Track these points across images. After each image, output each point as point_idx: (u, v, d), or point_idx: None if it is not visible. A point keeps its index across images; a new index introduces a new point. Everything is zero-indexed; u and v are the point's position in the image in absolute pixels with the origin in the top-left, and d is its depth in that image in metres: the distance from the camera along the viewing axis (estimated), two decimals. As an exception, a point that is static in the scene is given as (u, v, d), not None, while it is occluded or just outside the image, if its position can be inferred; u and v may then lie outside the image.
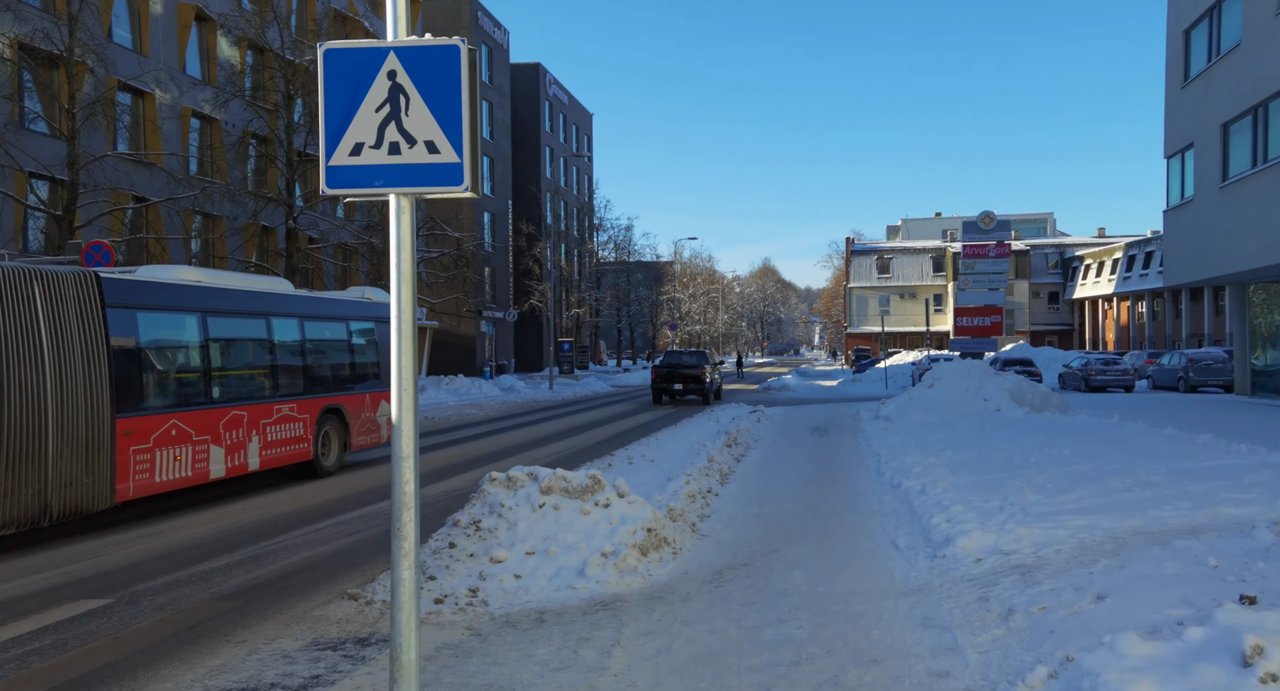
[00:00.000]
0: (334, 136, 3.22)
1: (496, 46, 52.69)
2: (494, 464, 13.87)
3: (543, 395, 32.82)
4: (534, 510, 7.56)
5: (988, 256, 37.36)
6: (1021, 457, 11.13)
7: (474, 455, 15.15)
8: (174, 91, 24.53)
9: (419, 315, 39.48)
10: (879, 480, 11.33)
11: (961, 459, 11.57)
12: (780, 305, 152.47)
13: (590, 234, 63.74)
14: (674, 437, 15.63)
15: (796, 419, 22.02)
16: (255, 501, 10.80)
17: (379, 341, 14.39)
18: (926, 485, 9.64)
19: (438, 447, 16.37)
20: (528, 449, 16.03)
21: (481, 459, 14.58)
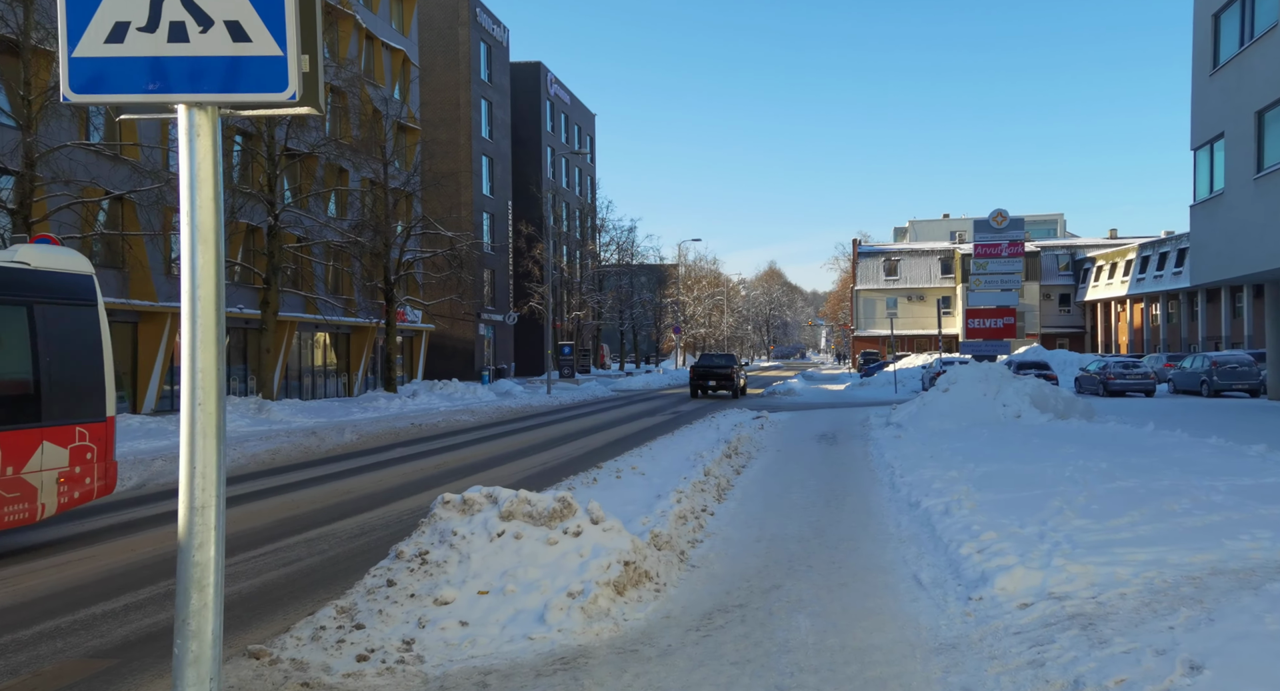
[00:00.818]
0: (81, 11, 2.07)
1: (496, 44, 51.69)
2: (472, 476, 12.73)
3: (539, 400, 31.70)
4: (491, 539, 6.40)
5: (1000, 256, 36.05)
6: (1054, 472, 9.94)
7: (453, 466, 14.01)
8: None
9: (414, 318, 38.40)
10: (894, 496, 10.14)
11: (986, 472, 10.38)
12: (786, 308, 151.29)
13: (592, 235, 62.65)
14: (669, 447, 14.47)
15: (803, 425, 20.83)
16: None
17: (52, 336, 8.39)
18: (950, 505, 8.46)
19: (415, 458, 15.23)
20: (512, 459, 14.89)
21: (459, 470, 13.43)
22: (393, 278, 30.04)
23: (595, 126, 72.46)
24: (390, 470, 13.53)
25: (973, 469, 10.94)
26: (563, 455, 15.47)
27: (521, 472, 13.17)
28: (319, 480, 12.52)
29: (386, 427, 20.47)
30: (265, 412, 21.76)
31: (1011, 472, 10.24)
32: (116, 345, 23.47)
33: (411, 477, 12.76)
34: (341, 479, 12.66)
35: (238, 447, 15.57)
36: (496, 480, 12.34)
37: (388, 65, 37.34)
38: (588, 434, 19.59)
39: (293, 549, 8.14)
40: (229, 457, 14.50)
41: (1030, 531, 6.98)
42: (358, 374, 34.57)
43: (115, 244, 22.92)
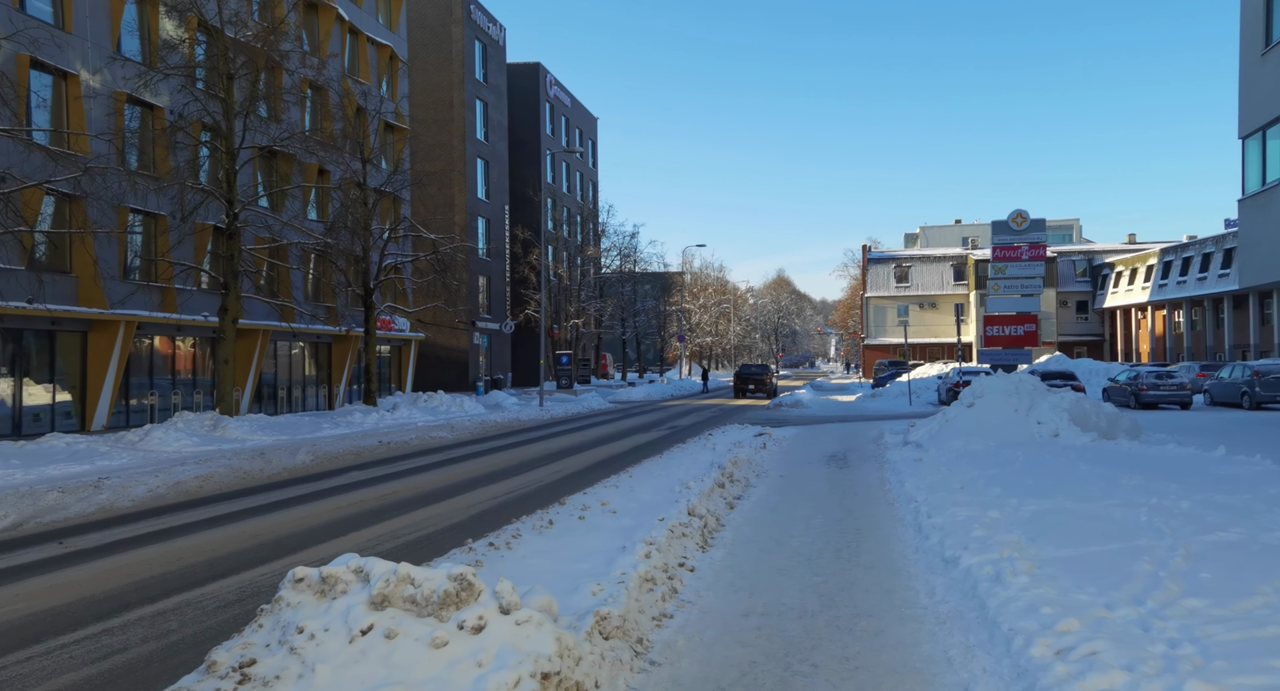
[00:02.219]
0: None
1: (492, 43, 49.97)
2: (416, 511, 10.75)
3: (529, 414, 29.73)
4: (352, 639, 4.42)
5: (1020, 259, 33.88)
6: (1125, 515, 7.90)
7: (402, 496, 12.04)
8: (106, 74, 21.70)
9: (401, 326, 36.51)
10: (922, 545, 8.11)
11: (1036, 513, 8.36)
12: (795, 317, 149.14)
13: (594, 240, 60.76)
14: (654, 474, 12.46)
15: (810, 443, 18.79)
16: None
17: None
18: (1000, 565, 6.44)
19: (365, 485, 13.26)
20: (472, 487, 12.91)
21: (404, 503, 11.45)
22: (372, 283, 28.16)
23: (597, 130, 70.70)
24: (326, 502, 11.57)
25: (1016, 505, 8.91)
26: (532, 481, 13.49)
27: (474, 506, 11.19)
28: (232, 518, 10.55)
29: (350, 447, 18.54)
30: (221, 430, 19.86)
31: (1068, 514, 8.21)
32: (64, 357, 21.69)
33: (346, 512, 10.79)
34: (261, 515, 10.69)
35: (162, 474, 13.64)
36: (442, 516, 10.38)
37: (373, 61, 35.59)
38: (570, 454, 17.60)
39: (129, 629, 6.15)
40: (146, 487, 12.56)
41: (1126, 616, 4.96)
42: (340, 386, 32.68)
43: (62, 245, 21.11)
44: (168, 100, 22.57)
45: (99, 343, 21.95)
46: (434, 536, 9.20)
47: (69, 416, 21.47)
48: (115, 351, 21.97)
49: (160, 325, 23.77)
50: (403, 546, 8.66)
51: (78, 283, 21.36)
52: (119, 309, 21.78)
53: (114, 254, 22.17)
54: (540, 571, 6.65)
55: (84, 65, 21.22)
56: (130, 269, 23.23)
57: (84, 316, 21.15)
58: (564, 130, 62.33)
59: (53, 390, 21.07)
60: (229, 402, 21.10)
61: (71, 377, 21.67)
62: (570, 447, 18.96)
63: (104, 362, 21.91)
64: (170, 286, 23.82)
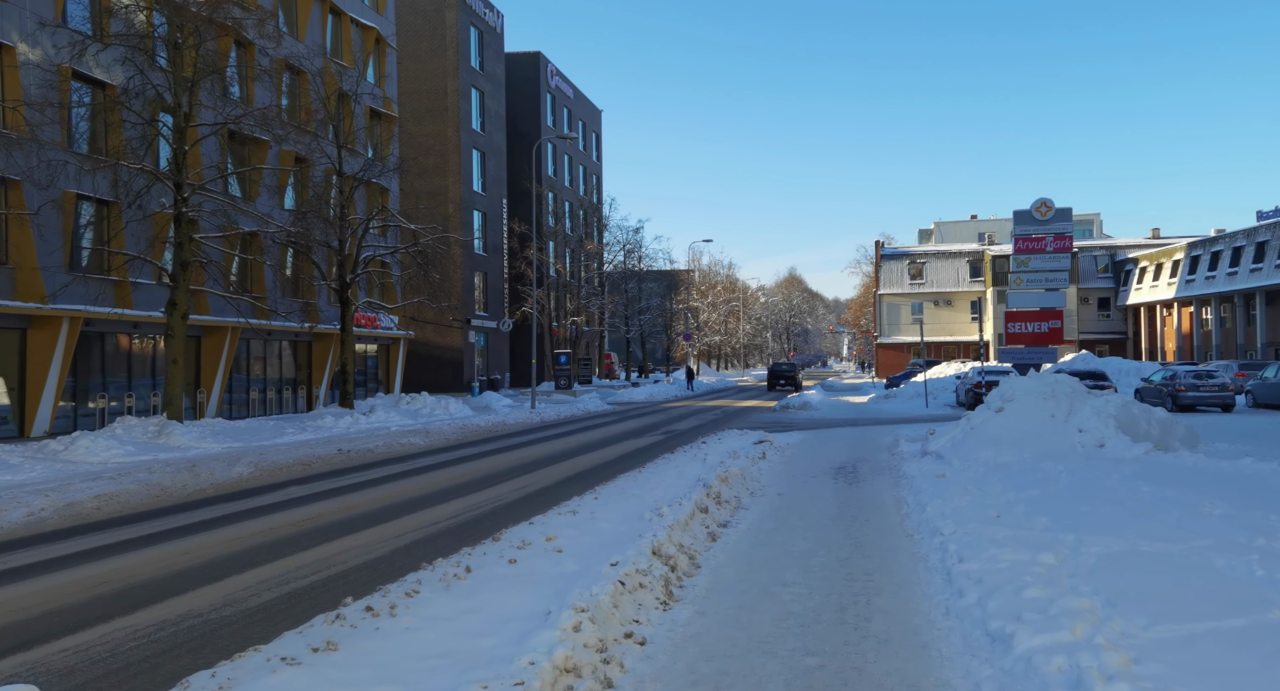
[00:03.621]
0: None
1: (488, 29, 48.08)
2: (311, 548, 8.81)
3: (519, 417, 27.79)
4: None
5: (1045, 251, 31.60)
6: (1232, 566, 5.87)
7: (309, 526, 10.11)
8: (48, 46, 19.83)
9: (389, 323, 34.65)
10: (955, 605, 6.08)
11: (1104, 558, 6.34)
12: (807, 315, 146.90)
13: (594, 234, 58.75)
14: (626, 493, 10.47)
15: (816, 452, 16.76)
16: None
17: None
18: (1077, 658, 4.42)
19: (290, 505, 11.34)
20: (411, 509, 10.97)
21: (306, 536, 9.52)
22: (349, 277, 26.28)
23: (601, 123, 68.76)
24: (231, 529, 9.65)
25: (1074, 545, 6.89)
26: (489, 500, 11.54)
27: (406, 535, 9.25)
28: (96, 554, 8.61)
29: (304, 456, 16.64)
30: (165, 436, 18.01)
31: (1150, 561, 6.18)
32: (4, 358, 19.90)
33: (246, 543, 8.86)
34: (137, 550, 8.76)
35: (58, 493, 11.76)
36: (359, 550, 8.44)
37: (358, 44, 33.73)
38: (546, 464, 15.65)
39: None
40: (27, 510, 10.67)
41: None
42: (320, 387, 30.85)
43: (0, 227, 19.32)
44: (121, 78, 20.70)
45: (39, 340, 20.15)
46: (324, 584, 7.25)
47: (4, 422, 19.67)
48: (58, 350, 20.17)
49: (113, 321, 21.96)
50: (265, 606, 6.65)
51: (14, 274, 19.55)
52: (62, 303, 19.96)
53: (58, 243, 20.33)
54: (415, 658, 4.69)
55: (21, 36, 19.40)
56: (79, 261, 21.42)
57: (20, 311, 19.36)
58: (566, 122, 60.39)
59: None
60: (177, 407, 19.25)
61: (10, 379, 19.88)
62: (550, 456, 17.01)
63: (45, 362, 20.10)
64: (125, 280, 22.02)
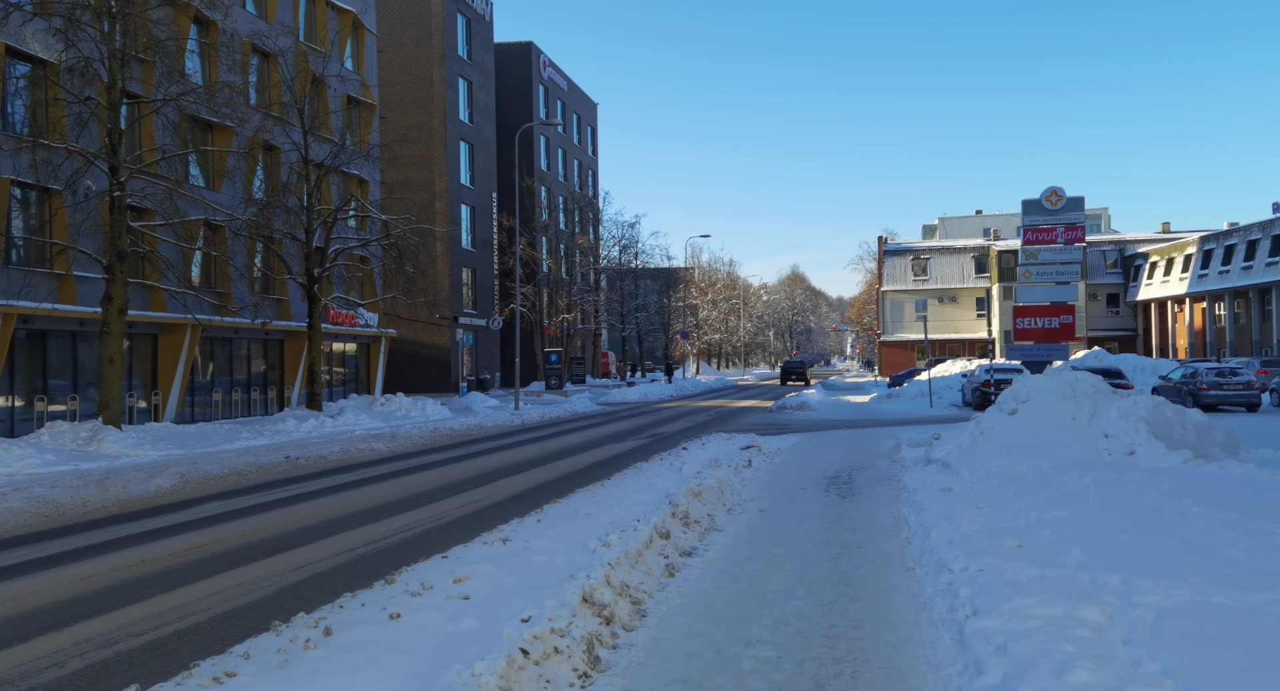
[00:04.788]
0: None
1: (476, 17, 46.51)
2: (177, 590, 7.26)
3: (499, 418, 26.24)
4: None
5: (1055, 243, 29.97)
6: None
7: (196, 556, 8.57)
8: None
9: (369, 321, 33.12)
10: (973, 685, 4.49)
11: (1166, 614, 4.77)
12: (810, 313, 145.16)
13: (589, 229, 57.14)
14: (578, 513, 8.91)
15: (809, 459, 15.18)
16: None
17: None
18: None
19: (170, 533, 9.79)
20: (333, 531, 9.43)
21: (182, 571, 7.98)
22: (316, 271, 24.73)
23: (597, 116, 67.18)
24: (87, 566, 8.10)
25: (1121, 589, 5.34)
26: (428, 518, 9.99)
27: (306, 567, 7.71)
28: None
29: (245, 464, 15.11)
30: (96, 443, 16.49)
31: (1232, 618, 4.60)
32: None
33: (74, 591, 7.31)
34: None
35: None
36: (239, 589, 6.89)
37: (333, 27, 32.20)
38: (509, 473, 14.10)
39: None
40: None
41: None
42: (293, 388, 29.31)
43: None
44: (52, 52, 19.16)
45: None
46: (137, 653, 5.67)
47: (-64, 426, 18.19)
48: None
49: (54, 318, 20.44)
50: None
51: (-58, 269, 18.06)
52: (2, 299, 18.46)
53: None
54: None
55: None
56: (13, 252, 19.89)
57: (-52, 308, 17.86)
58: (560, 115, 58.81)
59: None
60: (114, 410, 17.72)
61: (-60, 380, 18.40)
62: (516, 464, 15.46)
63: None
64: (68, 273, 20.50)
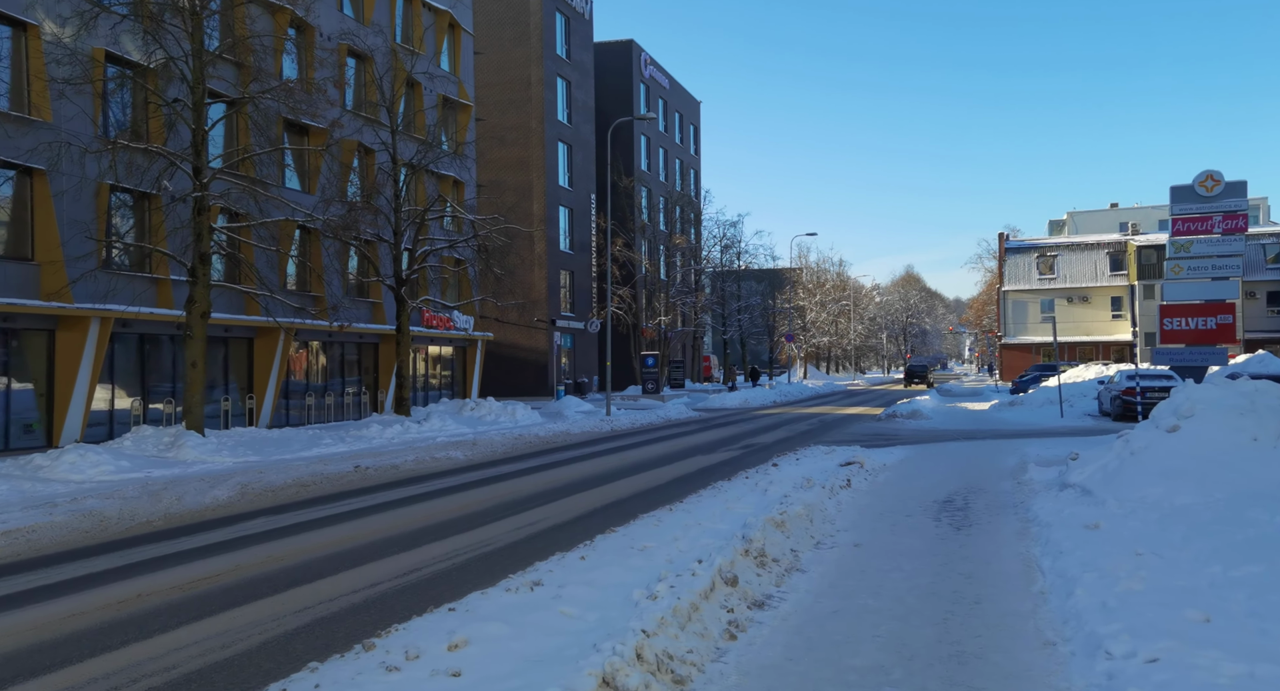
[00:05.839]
0: None
1: (575, 16, 45.93)
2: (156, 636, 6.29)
3: (588, 425, 25.18)
4: None
5: (1211, 233, 26.69)
6: None
7: (205, 588, 7.67)
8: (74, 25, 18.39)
9: (465, 324, 32.81)
10: None
11: None
12: (925, 316, 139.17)
13: (691, 229, 55.74)
14: (632, 549, 7.56)
15: (917, 477, 13.33)
16: None
17: None
18: None
19: (198, 556, 8.99)
20: (366, 560, 8.43)
21: (179, 608, 7.05)
22: (405, 273, 24.32)
23: (700, 115, 65.76)
24: (70, 602, 7.30)
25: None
26: (465, 547, 8.86)
27: (299, 612, 6.65)
28: None
29: (311, 474, 14.48)
30: (176, 449, 16.27)
31: None
32: (32, 361, 18.76)
33: (33, 638, 6.46)
34: None
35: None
36: (206, 643, 5.86)
37: (429, 28, 32.06)
38: (579, 489, 12.89)
39: None
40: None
41: None
42: (386, 391, 29.17)
43: (20, 228, 18.13)
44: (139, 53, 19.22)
45: (68, 342, 18.91)
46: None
47: (30, 430, 18.48)
48: (88, 352, 18.87)
49: (151, 322, 20.62)
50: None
51: (40, 272, 18.34)
52: (89, 302, 18.65)
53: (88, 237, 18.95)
54: None
55: (48, 14, 18.12)
56: (112, 257, 20.15)
57: (44, 311, 18.11)
58: (661, 114, 57.75)
59: (6, 398, 18.09)
60: (197, 415, 17.54)
61: (38, 384, 18.71)
62: (591, 477, 14.25)
63: (74, 365, 18.84)
64: (165, 277, 20.66)
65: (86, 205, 18.66)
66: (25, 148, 17.27)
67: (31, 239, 18.40)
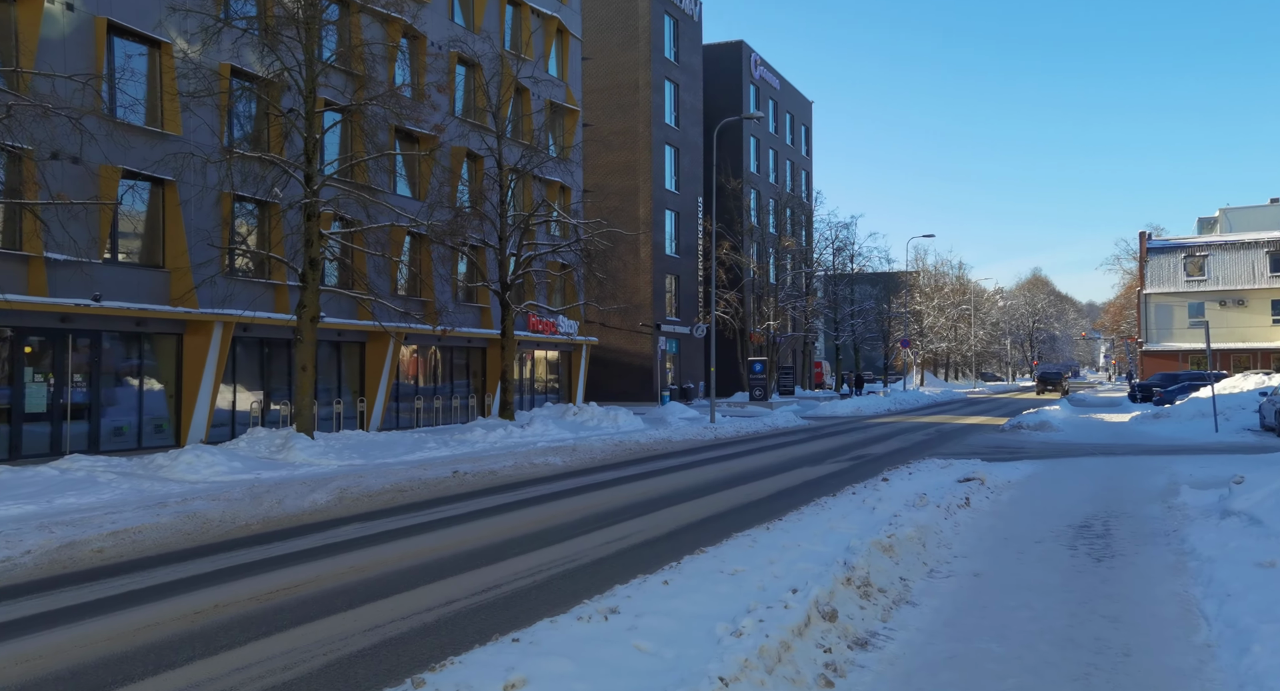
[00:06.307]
0: None
1: (684, 18, 45.51)
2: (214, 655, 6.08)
3: (690, 432, 24.58)
4: None
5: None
6: None
7: (270, 603, 7.48)
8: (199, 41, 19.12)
9: (569, 329, 32.84)
10: None
11: None
12: (1055, 321, 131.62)
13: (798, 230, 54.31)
14: (720, 573, 6.92)
15: (1047, 497, 12.09)
16: None
17: None
18: None
19: (279, 565, 8.88)
20: (426, 580, 8.13)
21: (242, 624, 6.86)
22: (508, 277, 24.41)
23: (812, 115, 64.18)
24: (142, 613, 7.23)
25: None
26: (546, 564, 8.42)
27: (345, 639, 6.33)
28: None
29: (409, 479, 14.47)
30: (286, 451, 16.67)
31: None
32: (162, 364, 19.68)
33: (147, 636, 6.35)
34: (18, 637, 6.50)
35: (71, 527, 10.13)
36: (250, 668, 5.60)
37: (538, 35, 32.28)
38: (675, 501, 12.33)
39: None
40: (12, 552, 8.98)
41: None
42: (492, 396, 29.44)
43: (153, 236, 19.04)
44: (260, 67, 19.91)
45: (194, 346, 19.76)
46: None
47: (160, 430, 19.38)
48: (211, 355, 19.67)
49: (270, 326, 21.35)
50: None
51: (169, 278, 19.22)
52: (211, 307, 19.42)
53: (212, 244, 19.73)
54: None
55: (181, 34, 18.96)
56: (234, 263, 20.98)
57: (173, 316, 18.95)
58: (771, 115, 56.62)
59: (139, 400, 19.02)
60: (307, 417, 17.94)
61: (168, 386, 19.62)
62: (690, 488, 13.66)
63: (199, 368, 19.67)
64: (283, 283, 21.38)
65: (208, 213, 19.44)
66: (153, 159, 18.10)
67: (162, 247, 19.31)
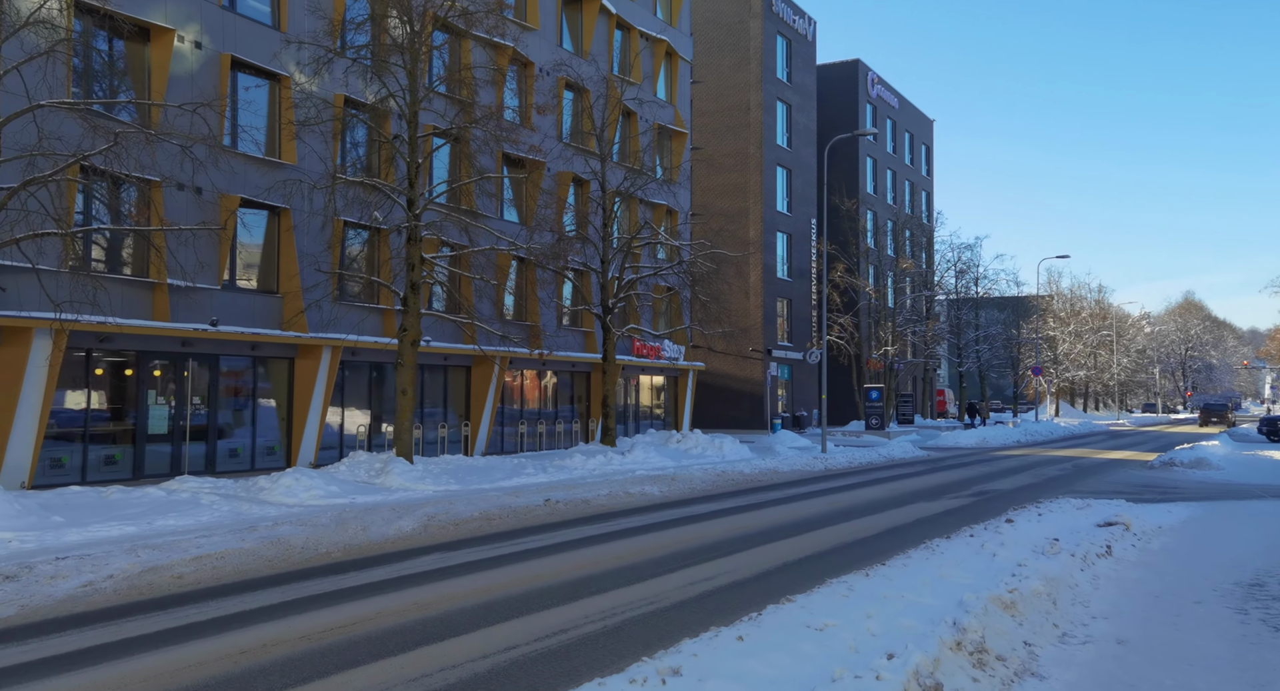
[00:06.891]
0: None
1: (798, 38, 44.65)
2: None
3: (800, 463, 23.41)
4: None
5: None
6: None
7: (285, 652, 7.05)
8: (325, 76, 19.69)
9: (674, 354, 32.24)
10: None
11: None
12: (1211, 348, 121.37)
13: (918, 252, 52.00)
14: (806, 628, 6.04)
15: (1207, 547, 10.49)
16: None
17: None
18: None
19: (350, 597, 8.55)
20: (488, 622, 7.57)
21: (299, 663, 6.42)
22: (610, 302, 24.06)
23: (933, 134, 61.77)
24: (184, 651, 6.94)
25: None
26: (622, 606, 7.74)
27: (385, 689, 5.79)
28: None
29: (500, 507, 14.11)
30: (384, 475, 16.68)
31: None
32: (275, 387, 20.23)
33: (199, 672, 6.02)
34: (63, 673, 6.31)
35: (156, 551, 10.17)
36: None
37: (646, 59, 32.18)
38: (775, 537, 11.42)
39: None
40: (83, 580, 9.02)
41: None
42: (597, 420, 29.10)
43: (269, 263, 19.69)
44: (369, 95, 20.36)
45: (304, 370, 20.23)
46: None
47: (272, 451, 19.87)
48: (320, 379, 20.08)
49: (376, 350, 21.71)
50: None
51: (282, 303, 19.80)
52: (319, 332, 19.86)
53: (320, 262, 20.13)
54: None
55: (297, 66, 19.64)
56: (343, 288, 21.44)
57: (287, 340, 19.47)
58: (890, 134, 54.78)
59: (253, 423, 19.58)
60: (406, 441, 17.95)
61: (280, 409, 20.15)
62: (791, 523, 12.70)
63: (308, 391, 20.10)
64: (390, 308, 21.72)
65: (316, 239, 19.92)
66: (266, 186, 18.70)
67: (277, 273, 19.92)
